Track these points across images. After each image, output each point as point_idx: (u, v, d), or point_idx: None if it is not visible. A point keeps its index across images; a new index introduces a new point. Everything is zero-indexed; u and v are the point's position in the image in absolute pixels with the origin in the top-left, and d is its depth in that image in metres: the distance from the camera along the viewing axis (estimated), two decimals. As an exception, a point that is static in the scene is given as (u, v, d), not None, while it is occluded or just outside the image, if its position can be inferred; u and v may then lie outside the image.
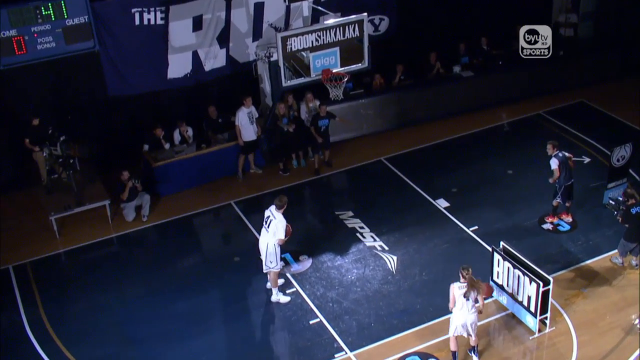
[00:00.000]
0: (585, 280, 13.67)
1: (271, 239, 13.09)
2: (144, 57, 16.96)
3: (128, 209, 16.06)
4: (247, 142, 17.03)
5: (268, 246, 13.14)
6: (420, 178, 17.09)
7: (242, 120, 16.81)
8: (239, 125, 16.84)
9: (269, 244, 13.12)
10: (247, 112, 16.80)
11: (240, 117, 16.80)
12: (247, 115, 16.80)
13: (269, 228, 13.05)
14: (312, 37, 16.09)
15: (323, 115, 17.17)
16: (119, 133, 17.66)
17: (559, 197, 14.85)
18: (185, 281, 14.34)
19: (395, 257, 14.57)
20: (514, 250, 12.78)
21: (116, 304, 13.82)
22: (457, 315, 11.66)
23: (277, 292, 13.69)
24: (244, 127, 16.86)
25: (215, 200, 16.75)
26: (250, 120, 16.87)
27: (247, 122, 16.84)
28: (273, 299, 13.70)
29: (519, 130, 19.17)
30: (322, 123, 17.22)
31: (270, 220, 13.05)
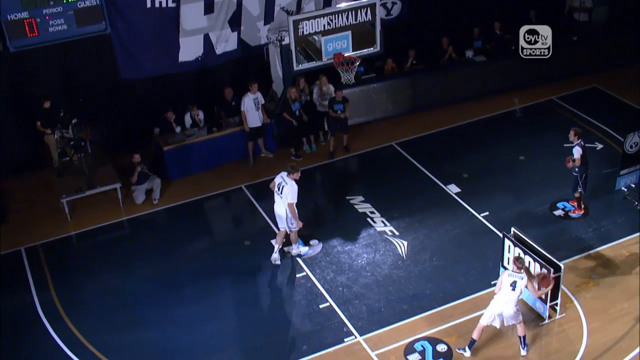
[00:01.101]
0: (596, 267, 13.65)
1: (285, 204, 13.56)
2: (155, 40, 16.94)
3: (139, 191, 16.11)
4: (252, 128, 17.01)
5: (287, 212, 13.59)
6: (432, 163, 17.06)
7: (248, 106, 16.78)
8: (244, 111, 16.81)
9: (287, 209, 13.57)
10: (252, 98, 16.77)
11: (246, 103, 16.77)
12: (253, 101, 16.78)
13: (282, 194, 13.45)
14: (324, 20, 16.03)
15: (339, 100, 17.16)
16: (130, 116, 17.67)
17: (580, 188, 14.74)
18: (196, 264, 14.39)
19: (406, 242, 14.58)
20: (525, 236, 12.76)
21: (126, 287, 13.90)
22: (496, 302, 11.68)
23: (296, 246, 14.22)
24: (249, 113, 16.83)
25: (226, 184, 16.77)
26: (256, 106, 16.84)
27: (253, 108, 16.81)
28: (293, 252, 14.17)
29: (531, 115, 19.09)
30: (338, 107, 17.20)
31: (282, 186, 13.43)
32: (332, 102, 17.17)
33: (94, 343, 12.60)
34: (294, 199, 13.49)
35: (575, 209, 14.97)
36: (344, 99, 17.20)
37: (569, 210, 15.12)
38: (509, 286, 11.54)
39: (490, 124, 18.74)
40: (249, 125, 16.95)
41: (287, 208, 13.60)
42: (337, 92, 17.12)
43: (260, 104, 16.97)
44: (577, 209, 14.97)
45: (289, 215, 13.67)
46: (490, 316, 11.76)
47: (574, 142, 14.43)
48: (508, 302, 11.59)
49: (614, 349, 11.96)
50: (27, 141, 16.94)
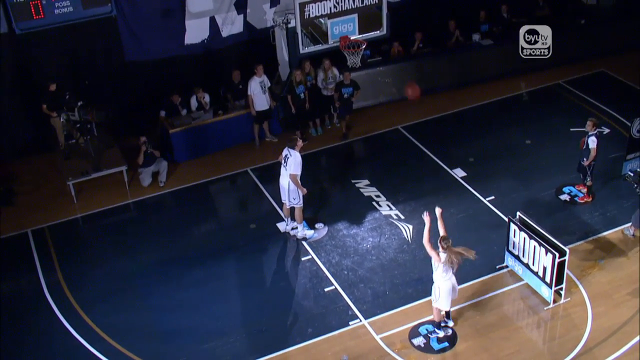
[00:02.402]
0: (601, 252, 13.65)
1: (289, 177, 13.67)
2: (161, 23, 16.93)
3: (145, 174, 16.14)
4: (259, 112, 17.00)
5: (290, 184, 13.72)
6: (437, 147, 17.04)
7: (255, 89, 16.76)
8: (251, 95, 16.79)
9: (290, 182, 13.69)
10: (259, 82, 16.74)
11: (253, 86, 16.74)
12: (260, 85, 16.75)
13: (287, 166, 13.63)
14: (330, 3, 15.95)
15: (347, 83, 17.12)
16: (136, 99, 17.69)
17: (589, 177, 14.71)
18: (201, 248, 14.43)
19: (411, 226, 14.60)
20: (530, 220, 12.76)
21: (132, 270, 13.95)
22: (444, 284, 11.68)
23: (302, 228, 14.30)
24: (257, 97, 16.81)
25: (232, 167, 16.80)
26: (263, 89, 16.82)
27: (260, 91, 16.78)
28: (299, 235, 14.27)
29: (538, 100, 19.02)
30: (346, 91, 17.14)
31: (287, 157, 13.63)
32: (341, 85, 17.13)
33: (100, 325, 12.69)
34: (296, 170, 13.61)
35: (584, 195, 14.95)
36: (352, 82, 17.15)
37: (576, 195, 15.10)
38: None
39: (496, 108, 18.68)
40: (256, 109, 16.93)
41: (290, 180, 13.70)
42: (346, 74, 17.06)
43: (267, 87, 16.95)
44: (585, 195, 14.95)
45: (291, 188, 13.79)
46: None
47: (590, 132, 14.33)
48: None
49: (618, 334, 11.98)
50: (33, 124, 16.97)
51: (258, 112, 16.99)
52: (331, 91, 17.46)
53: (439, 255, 11.42)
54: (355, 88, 17.22)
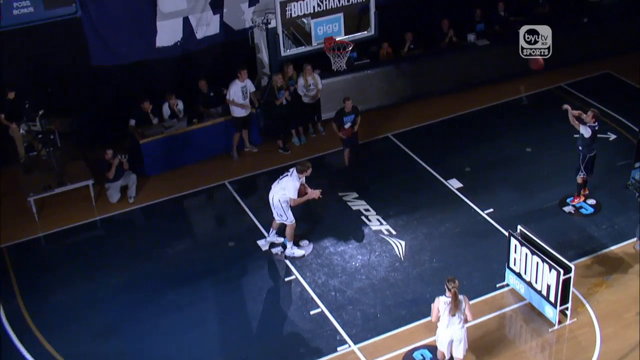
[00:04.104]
0: (609, 268, 13.68)
1: (278, 193, 13.78)
2: (130, 24, 16.90)
3: (113, 189, 16.07)
4: (238, 118, 16.97)
5: (273, 199, 13.86)
6: (431, 156, 17.07)
7: (235, 94, 16.72)
8: (231, 100, 16.75)
9: (274, 197, 13.84)
10: (240, 86, 16.70)
11: (233, 91, 16.69)
12: (241, 90, 16.71)
13: (280, 182, 13.83)
14: (313, 2, 16.00)
15: (348, 110, 16.36)
16: (103, 107, 17.62)
17: (582, 172, 14.77)
18: (175, 268, 14.37)
19: (404, 242, 14.59)
20: (532, 235, 12.77)
21: (100, 293, 13.85)
22: (442, 333, 11.36)
23: (291, 246, 14.34)
24: (237, 102, 16.77)
25: (208, 180, 16.76)
26: (244, 94, 16.78)
27: (240, 97, 16.75)
28: (287, 252, 14.32)
29: (538, 104, 19.13)
30: (347, 119, 16.45)
31: (285, 175, 13.86)
32: (341, 114, 16.47)
33: (64, 354, 12.55)
34: (294, 195, 13.68)
35: (575, 195, 15.01)
36: (354, 108, 16.51)
37: (581, 207, 15.13)
38: (448, 314, 11.15)
39: (494, 113, 18.76)
40: (235, 115, 16.90)
41: (274, 196, 13.77)
42: (347, 102, 16.33)
43: (249, 92, 16.90)
44: (576, 196, 15.01)
45: (275, 205, 13.85)
46: (441, 346, 11.46)
47: (588, 122, 14.38)
48: (454, 326, 11.22)
49: (629, 357, 11.98)
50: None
51: (237, 118, 16.95)
52: (312, 99, 17.40)
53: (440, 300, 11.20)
54: (357, 115, 16.55)
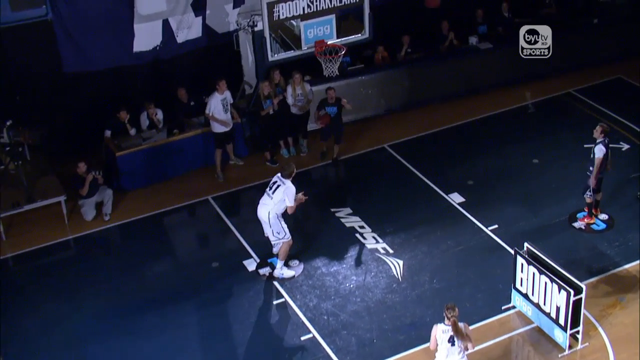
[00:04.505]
0: (623, 288, 13.68)
1: (273, 208, 13.64)
2: (106, 27, 16.88)
3: (87, 206, 16.02)
4: (219, 134, 16.84)
5: (269, 215, 13.67)
6: (431, 168, 17.08)
7: (215, 108, 16.55)
8: (211, 115, 16.59)
9: (270, 212, 13.65)
10: (220, 99, 16.57)
11: (213, 105, 16.52)
12: (221, 102, 16.59)
13: (274, 194, 13.64)
14: (303, 2, 16.07)
15: (331, 101, 16.85)
16: (76, 117, 17.60)
17: (590, 193, 14.74)
18: (156, 291, 14.33)
19: (402, 262, 14.57)
20: (540, 252, 12.76)
21: (73, 319, 13.77)
22: None
23: (282, 266, 14.27)
24: (218, 117, 16.61)
25: (190, 195, 16.73)
26: (225, 107, 16.66)
27: (221, 110, 16.61)
28: (276, 273, 14.26)
29: (545, 112, 19.19)
30: (331, 111, 16.95)
31: (277, 186, 13.65)
32: (324, 104, 16.93)
33: (34, 386, 12.50)
34: (292, 202, 13.67)
35: (586, 216, 15.05)
36: (338, 100, 16.91)
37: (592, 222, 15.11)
38: (447, 342, 11.07)
39: (498, 122, 18.81)
40: (216, 130, 16.79)
41: (270, 211, 13.67)
42: (330, 91, 16.79)
43: (229, 104, 16.82)
44: (587, 216, 15.03)
45: (272, 222, 13.76)
46: None
47: (597, 139, 14.40)
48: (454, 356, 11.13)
49: (646, 384, 11.99)
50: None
51: (218, 133, 16.83)
52: (301, 110, 17.33)
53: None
54: (339, 108, 16.98)
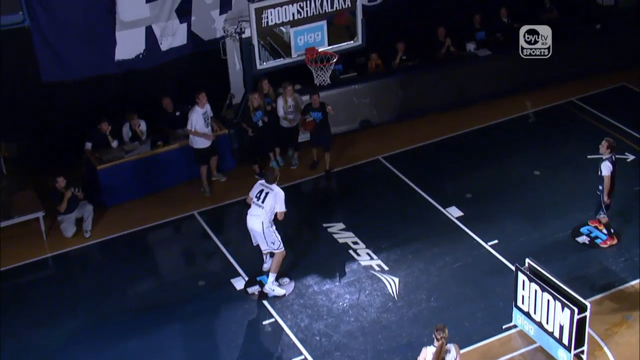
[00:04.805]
0: (630, 306, 13.68)
1: (265, 217, 13.78)
2: (86, 35, 16.86)
3: (67, 222, 15.99)
4: (200, 150, 16.76)
5: (263, 225, 13.80)
6: (427, 181, 17.10)
7: (197, 123, 16.47)
8: (193, 130, 16.49)
9: (263, 222, 13.80)
10: (201, 113, 16.51)
11: (195, 119, 16.43)
12: (202, 117, 16.52)
13: (264, 203, 13.72)
14: (293, 8, 16.10)
15: (316, 106, 16.97)
16: (55, 128, 17.59)
17: (603, 212, 14.73)
18: (138, 312, 14.27)
19: (397, 279, 14.56)
20: (542, 269, 12.75)
21: (52, 342, 13.70)
22: None
23: (273, 281, 14.29)
24: (200, 132, 16.52)
25: (175, 210, 16.72)
26: (206, 122, 16.59)
27: (203, 125, 16.54)
28: (267, 288, 14.27)
29: (547, 121, 19.24)
30: (315, 116, 17.03)
31: (265, 193, 13.75)
32: (308, 109, 17.05)
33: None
34: (284, 207, 13.77)
35: (607, 238, 14.96)
36: (322, 105, 17.03)
37: (597, 237, 15.12)
38: None
39: (497, 132, 18.85)
40: (197, 146, 16.72)
41: (264, 221, 13.76)
42: (314, 97, 16.92)
43: (210, 118, 16.76)
44: (608, 238, 14.97)
45: (267, 231, 13.84)
46: None
47: (604, 155, 14.41)
48: None
49: (654, 407, 11.98)
50: None
51: (200, 149, 16.77)
52: (291, 123, 17.31)
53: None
54: (324, 114, 17.04)
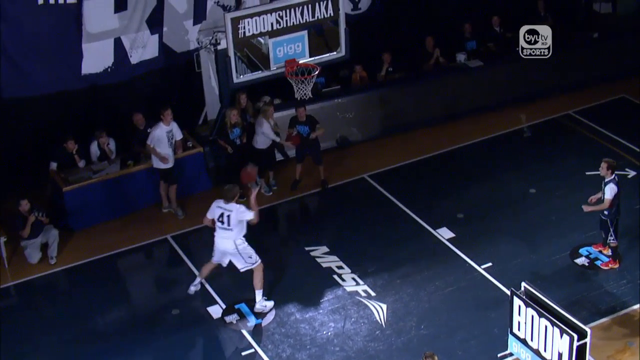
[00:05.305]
0: (632, 331, 13.72)
1: (237, 235, 13.94)
2: (51, 47, 16.86)
3: (31, 247, 15.95)
4: (163, 170, 16.76)
5: (236, 243, 13.97)
6: (416, 201, 17.14)
7: (159, 141, 16.42)
8: (152, 147, 16.47)
9: (235, 241, 13.95)
10: (165, 131, 16.47)
11: (157, 136, 16.39)
12: (167, 135, 16.50)
13: (230, 225, 13.88)
14: (272, 17, 16.11)
15: (302, 120, 17.04)
16: (17, 147, 17.57)
17: (612, 237, 14.81)
18: (108, 343, 14.21)
19: (385, 306, 14.57)
20: (539, 293, 12.76)
21: (15, 376, 13.66)
22: None
23: (261, 298, 14.50)
24: (160, 150, 16.49)
25: (147, 234, 16.71)
26: (169, 141, 16.55)
27: (166, 143, 16.49)
28: (257, 307, 14.50)
29: (543, 136, 19.32)
30: (302, 130, 17.12)
31: (227, 215, 13.85)
32: (294, 122, 17.10)
33: None
34: (250, 215, 13.89)
35: (609, 260, 15.07)
36: (309, 118, 17.09)
37: (597, 258, 15.18)
38: None
39: (490, 148, 18.95)
40: (156, 166, 16.69)
41: (235, 240, 13.90)
42: (299, 109, 16.98)
43: (175, 139, 16.72)
44: (611, 260, 15.07)
45: (240, 250, 13.97)
46: None
47: (606, 177, 14.51)
48: None
49: None
50: None
51: (162, 170, 16.71)
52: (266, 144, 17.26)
53: None
54: (312, 127, 17.13)
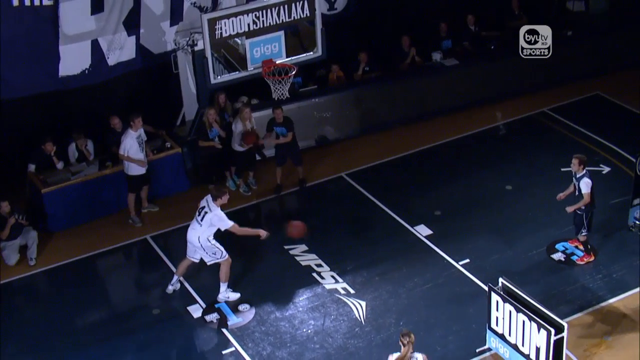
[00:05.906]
0: (609, 325, 13.78)
1: (203, 233, 14.13)
2: (27, 49, 16.74)
3: (9, 249, 15.88)
4: (136, 177, 16.69)
5: (200, 239, 14.15)
6: (394, 199, 17.17)
7: (131, 148, 16.34)
8: (126, 156, 16.38)
9: (200, 237, 14.15)
10: (135, 137, 16.39)
11: (128, 144, 16.28)
12: (137, 141, 16.40)
13: (202, 221, 14.11)
14: (248, 18, 16.12)
15: (279, 121, 16.96)
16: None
17: (584, 230, 14.88)
18: (88, 345, 14.15)
19: (364, 303, 14.58)
20: (516, 288, 12.82)
21: (-5, 378, 13.59)
22: None
23: (226, 289, 14.68)
24: (134, 157, 16.42)
25: (126, 235, 16.67)
26: (141, 146, 16.46)
27: (137, 149, 16.39)
28: (220, 297, 14.63)
29: (518, 133, 19.40)
30: (280, 131, 17.08)
31: (205, 212, 14.11)
32: (272, 124, 17.06)
33: None
34: (228, 224, 14.10)
35: (584, 254, 15.13)
36: (286, 119, 17.05)
37: (573, 253, 15.25)
38: None
39: (466, 145, 19.00)
40: (132, 173, 16.62)
41: (201, 236, 14.10)
42: (277, 111, 16.91)
43: (144, 142, 16.65)
44: (585, 254, 15.13)
45: (204, 245, 14.17)
46: None
47: (578, 173, 14.55)
48: None
49: None
50: None
51: (134, 177, 16.65)
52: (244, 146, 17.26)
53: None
54: (289, 128, 17.08)
